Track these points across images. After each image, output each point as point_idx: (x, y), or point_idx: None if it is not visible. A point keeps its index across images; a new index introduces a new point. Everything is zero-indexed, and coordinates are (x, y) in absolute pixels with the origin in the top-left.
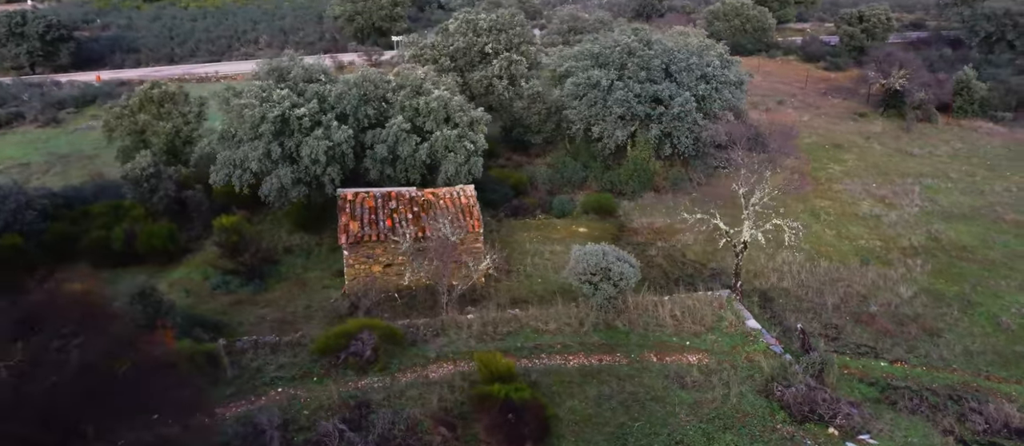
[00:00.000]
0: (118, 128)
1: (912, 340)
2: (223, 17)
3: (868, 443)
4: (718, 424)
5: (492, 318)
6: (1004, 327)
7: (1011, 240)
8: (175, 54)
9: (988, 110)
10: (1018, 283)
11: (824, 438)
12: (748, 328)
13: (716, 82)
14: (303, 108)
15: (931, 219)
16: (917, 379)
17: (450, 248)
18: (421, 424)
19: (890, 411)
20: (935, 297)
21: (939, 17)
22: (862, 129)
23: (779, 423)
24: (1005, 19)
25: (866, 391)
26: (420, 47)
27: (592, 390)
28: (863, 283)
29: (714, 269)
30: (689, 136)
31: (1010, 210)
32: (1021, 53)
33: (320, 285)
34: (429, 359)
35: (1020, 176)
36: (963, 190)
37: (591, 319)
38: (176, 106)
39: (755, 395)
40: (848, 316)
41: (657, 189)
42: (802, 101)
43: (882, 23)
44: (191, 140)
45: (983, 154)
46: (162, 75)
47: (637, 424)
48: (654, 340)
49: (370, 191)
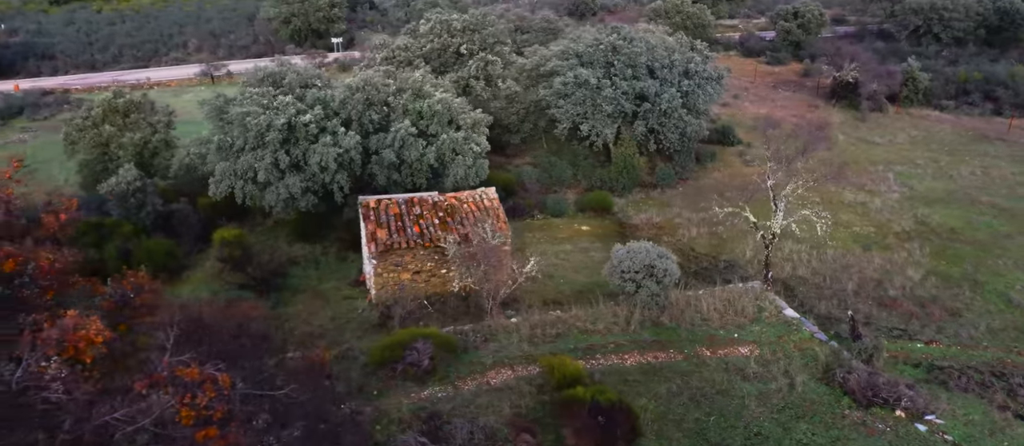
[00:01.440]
0: (81, 141)
1: (937, 321)
2: (144, 21)
3: (936, 423)
4: (789, 414)
5: (539, 320)
6: (1016, 304)
7: (992, 221)
8: (97, 60)
9: (932, 99)
10: (1013, 261)
11: (893, 422)
12: (788, 317)
13: (698, 78)
14: (308, 115)
15: (913, 204)
16: (955, 358)
17: (495, 251)
18: (499, 432)
19: (943, 391)
20: (943, 278)
21: (863, 12)
22: (820, 120)
23: (846, 409)
24: (931, 13)
25: (913, 373)
26: (392, 49)
27: (659, 387)
28: (872, 268)
29: (726, 261)
30: (675, 132)
31: (982, 193)
32: (946, 45)
33: (339, 296)
34: (486, 365)
35: (978, 160)
36: (933, 175)
37: (637, 317)
38: (143, 116)
39: (816, 383)
40: (871, 301)
41: (644, 185)
42: (755, 95)
43: (816, 18)
44: (158, 151)
45: (940, 140)
46: (88, 83)
47: (712, 418)
48: (702, 334)
49: (392, 197)
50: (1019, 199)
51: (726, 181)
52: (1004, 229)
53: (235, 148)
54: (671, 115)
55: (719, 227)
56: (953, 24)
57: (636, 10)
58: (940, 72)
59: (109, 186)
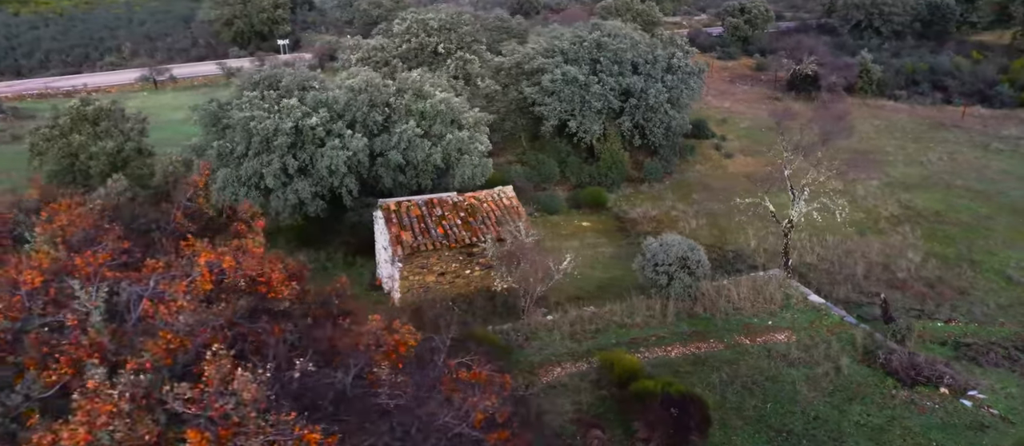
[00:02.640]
0: (49, 151)
1: (949, 300)
2: (70, 24)
3: (978, 398)
4: (840, 397)
5: (576, 317)
6: (1016, 281)
7: (971, 204)
8: (22, 66)
9: (885, 89)
10: (1001, 240)
11: (939, 399)
12: (815, 303)
13: (682, 73)
14: (314, 117)
15: (893, 190)
16: (975, 335)
17: (532, 250)
18: (565, 429)
19: (975, 367)
20: (942, 260)
21: (800, 8)
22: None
23: (892, 389)
24: (872, 7)
25: (941, 351)
26: (367, 50)
27: (710, 377)
28: (874, 252)
29: (733, 251)
30: (660, 126)
31: (955, 177)
32: (887, 38)
33: (365, 300)
34: (534, 364)
35: (942, 147)
36: (905, 162)
37: (672, 309)
38: (114, 123)
39: (858, 365)
40: (882, 283)
41: (631, 180)
42: (715, 89)
43: (762, 14)
44: (131, 159)
45: (902, 129)
46: (17, 90)
47: (770, 405)
48: (737, 323)
49: (412, 199)
50: (990, 182)
51: (709, 173)
52: (984, 211)
53: (236, 154)
54: (657, 110)
55: (720, 218)
56: (892, 18)
57: (580, 9)
58: (888, 64)
59: (100, 197)
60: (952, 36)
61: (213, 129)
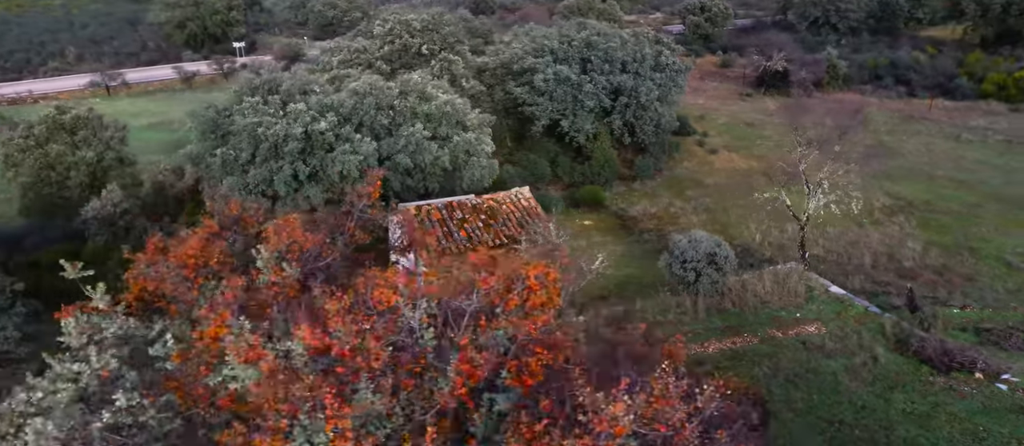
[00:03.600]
0: (24, 162)
1: (958, 287)
2: (5, 28)
3: (1012, 381)
4: (882, 386)
5: (609, 315)
6: (1016, 267)
7: (957, 193)
8: None
9: (851, 84)
10: (993, 228)
11: (975, 384)
12: (837, 294)
13: (670, 71)
14: (323, 122)
15: (879, 181)
16: (991, 320)
17: (564, 250)
18: None
19: (1000, 351)
20: (943, 248)
21: (754, 6)
22: (756, 107)
23: (929, 376)
24: (829, 4)
25: (964, 337)
26: (349, 51)
27: (753, 371)
28: (876, 242)
29: (740, 245)
30: (651, 124)
31: (934, 169)
32: (843, 34)
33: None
34: None
35: (916, 139)
36: (885, 154)
37: (702, 305)
38: (92, 132)
39: (892, 354)
40: (891, 272)
41: (622, 178)
42: (688, 87)
43: (722, 12)
44: (111, 169)
45: (874, 122)
46: None
47: (816, 396)
48: (766, 316)
49: (432, 203)
50: (969, 172)
51: (698, 169)
52: (971, 200)
53: (241, 161)
54: (648, 108)
55: (718, 214)
56: (849, 14)
57: (535, 8)
58: (850, 59)
59: (93, 209)
60: (902, 32)
61: (211, 136)
